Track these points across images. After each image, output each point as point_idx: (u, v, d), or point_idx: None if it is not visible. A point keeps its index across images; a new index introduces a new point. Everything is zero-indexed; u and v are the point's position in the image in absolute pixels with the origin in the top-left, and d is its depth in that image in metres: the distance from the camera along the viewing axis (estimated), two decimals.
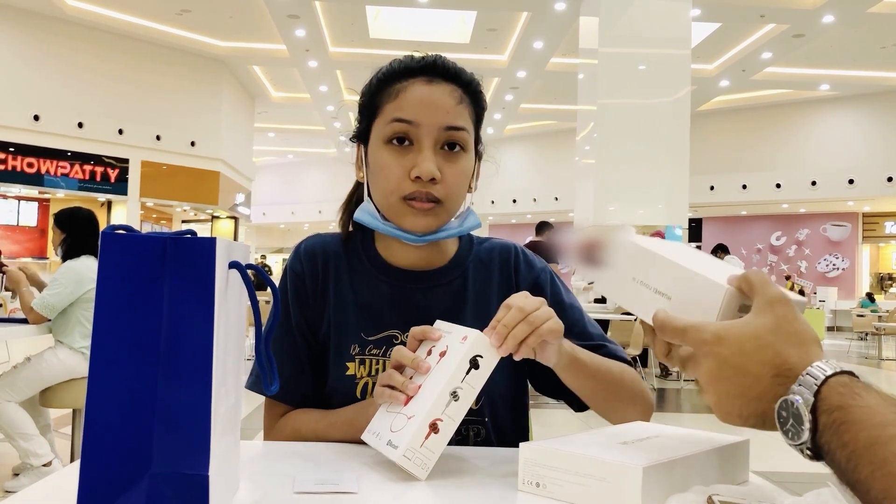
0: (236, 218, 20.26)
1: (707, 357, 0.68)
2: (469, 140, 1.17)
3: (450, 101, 1.14)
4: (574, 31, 12.47)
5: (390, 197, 1.14)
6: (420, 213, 1.13)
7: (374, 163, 1.18)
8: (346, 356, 1.19)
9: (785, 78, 16.94)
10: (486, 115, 1.26)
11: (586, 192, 10.68)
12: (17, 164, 14.26)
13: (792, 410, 0.62)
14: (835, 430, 0.59)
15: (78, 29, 14.54)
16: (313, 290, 1.24)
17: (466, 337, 0.94)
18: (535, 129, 22.47)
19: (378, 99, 1.18)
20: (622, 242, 0.89)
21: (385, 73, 1.18)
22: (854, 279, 20.91)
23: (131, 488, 0.63)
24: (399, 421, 0.93)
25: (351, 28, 14.53)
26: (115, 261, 0.65)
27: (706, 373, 0.69)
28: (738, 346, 0.67)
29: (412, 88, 1.14)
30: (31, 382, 3.71)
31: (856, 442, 0.57)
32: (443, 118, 1.13)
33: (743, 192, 19.65)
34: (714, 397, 0.68)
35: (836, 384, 0.61)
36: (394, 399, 0.96)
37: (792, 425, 0.62)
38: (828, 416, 0.60)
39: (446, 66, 1.17)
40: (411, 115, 1.12)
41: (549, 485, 0.83)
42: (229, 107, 17.56)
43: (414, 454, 0.89)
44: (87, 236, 3.89)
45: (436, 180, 1.12)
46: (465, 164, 1.16)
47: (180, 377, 0.64)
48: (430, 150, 1.12)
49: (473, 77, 1.21)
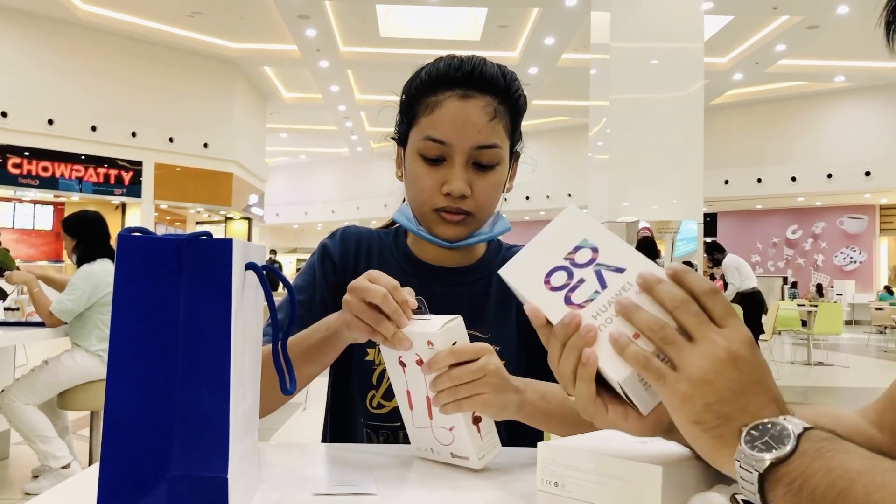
0: (250, 219, 20.36)
1: (747, 342, 0.65)
2: (501, 154, 1.17)
3: (483, 118, 1.14)
4: (586, 27, 12.42)
5: (423, 207, 1.19)
6: (451, 224, 1.18)
7: (409, 170, 1.20)
8: (367, 342, 1.20)
9: (799, 70, 16.83)
10: None
11: (600, 187, 10.65)
12: (32, 169, 14.39)
13: (774, 432, 0.59)
14: (822, 455, 0.56)
15: (90, 33, 14.65)
16: (342, 268, 1.27)
17: (431, 342, 0.91)
18: (548, 126, 22.44)
19: (416, 107, 1.19)
20: (572, 213, 0.78)
21: (423, 80, 1.19)
22: (872, 272, 20.74)
23: (150, 491, 0.63)
24: (442, 434, 0.94)
25: (361, 27, 14.56)
26: (131, 263, 0.65)
27: (735, 347, 0.64)
28: (759, 359, 0.65)
29: (447, 104, 1.14)
30: (48, 385, 3.74)
31: (847, 467, 0.55)
32: (475, 138, 1.14)
33: (758, 186, 19.53)
34: (713, 375, 0.63)
35: (816, 435, 0.59)
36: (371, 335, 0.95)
37: (765, 443, 0.59)
38: (814, 442, 0.58)
39: (483, 77, 1.16)
40: (444, 135, 1.14)
41: (568, 484, 0.82)
42: (241, 108, 17.64)
43: (483, 451, 0.93)
44: (98, 238, 3.91)
45: (466, 196, 1.15)
46: (496, 178, 1.18)
47: (198, 379, 0.64)
48: (461, 167, 1.15)
49: (512, 80, 1.20)
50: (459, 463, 0.93)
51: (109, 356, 0.63)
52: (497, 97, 1.16)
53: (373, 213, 25.42)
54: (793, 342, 13.85)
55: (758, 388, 0.63)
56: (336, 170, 28.25)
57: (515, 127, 1.22)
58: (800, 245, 21.52)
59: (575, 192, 20.69)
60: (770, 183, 19.38)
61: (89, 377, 3.78)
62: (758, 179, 19.47)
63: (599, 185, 10.70)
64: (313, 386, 1.29)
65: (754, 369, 0.64)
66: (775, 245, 21.81)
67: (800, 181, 19.03)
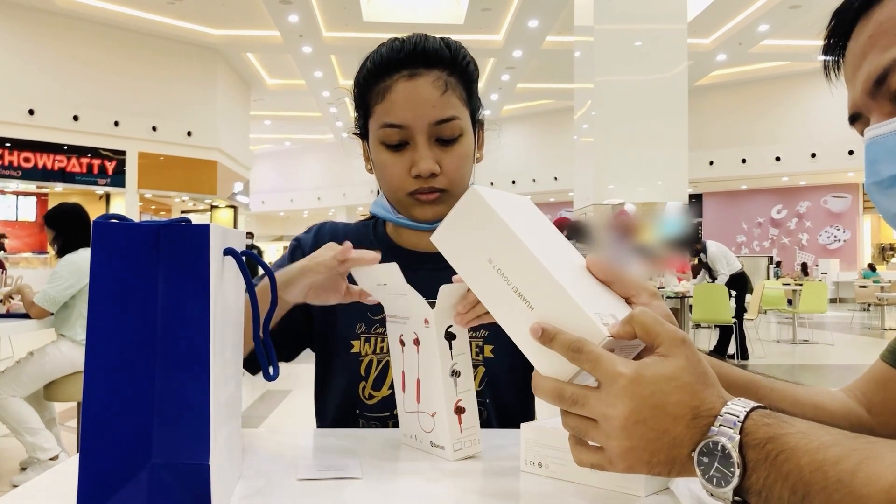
0: (235, 207, 20.27)
1: (624, 396, 0.61)
2: (461, 125, 1.16)
3: (435, 93, 1.13)
4: (569, 9, 12.40)
5: (396, 193, 1.19)
6: (427, 205, 1.18)
7: (376, 161, 1.20)
8: (352, 335, 1.21)
9: (782, 50, 16.86)
10: (482, 97, 1.25)
11: (585, 170, 10.67)
12: (13, 160, 14.25)
13: (716, 452, 0.58)
14: (771, 463, 0.56)
15: (70, 21, 14.48)
16: None
17: (428, 320, 0.92)
18: (533, 109, 22.39)
19: (368, 98, 1.19)
20: (474, 200, 0.74)
21: (370, 70, 1.18)
22: (856, 250, 20.90)
23: (132, 479, 0.63)
24: (425, 420, 0.94)
25: (344, 12, 14.44)
26: (107, 249, 0.64)
27: (624, 414, 0.61)
28: (657, 387, 0.61)
29: (396, 87, 1.13)
30: (34, 377, 3.72)
31: (799, 470, 0.55)
32: (431, 114, 1.13)
33: (742, 167, 19.62)
34: (628, 442, 0.61)
35: (760, 417, 0.59)
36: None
37: (717, 470, 0.58)
38: (758, 450, 0.57)
39: (427, 52, 1.15)
40: (399, 118, 1.13)
41: (552, 464, 0.83)
42: (224, 95, 17.51)
43: (461, 444, 0.92)
44: (79, 229, 3.89)
45: (436, 174, 1.14)
46: (462, 150, 1.17)
47: (178, 366, 0.64)
48: (424, 147, 1.14)
49: (458, 49, 1.19)
50: (437, 453, 0.93)
51: (87, 344, 0.63)
52: (445, 69, 1.15)
53: (359, 199, 25.36)
54: (778, 321, 13.97)
55: (675, 409, 0.61)
56: (321, 156, 28.11)
57: (471, 95, 1.21)
58: (784, 224, 21.64)
59: (561, 176, 20.70)
60: (754, 163, 19.46)
61: (75, 367, 3.77)
62: (742, 160, 19.55)
63: (584, 168, 10.72)
64: (301, 371, 1.28)
65: (657, 399, 0.61)
66: (760, 225, 21.93)
67: (784, 161, 19.13)
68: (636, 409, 0.61)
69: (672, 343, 0.63)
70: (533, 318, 0.68)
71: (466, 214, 0.74)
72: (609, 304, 0.71)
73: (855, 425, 0.89)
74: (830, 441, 0.55)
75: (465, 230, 0.74)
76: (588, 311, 0.66)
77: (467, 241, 0.74)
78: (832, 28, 0.78)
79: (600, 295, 0.72)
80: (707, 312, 8.18)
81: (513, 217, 0.72)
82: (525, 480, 0.84)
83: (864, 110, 0.75)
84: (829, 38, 0.79)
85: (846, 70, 0.78)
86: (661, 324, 0.64)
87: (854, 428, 0.88)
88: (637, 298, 0.75)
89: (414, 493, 0.80)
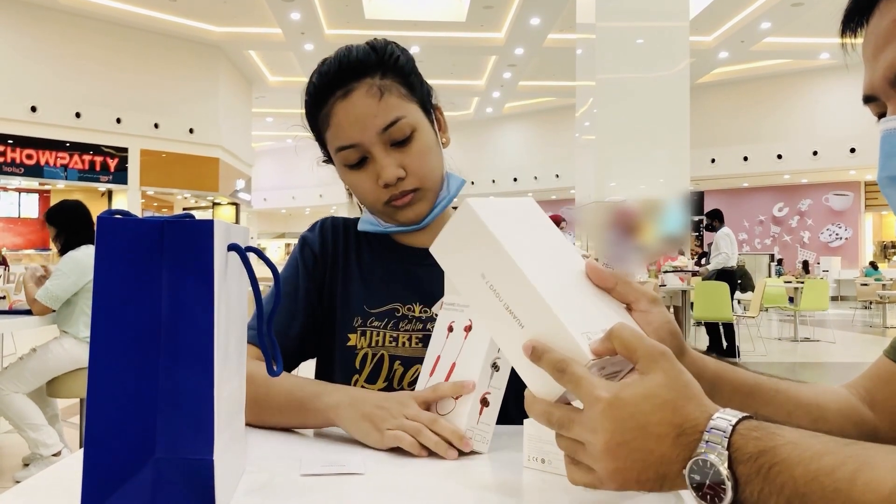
0: (237, 204, 20.25)
1: (604, 420, 0.60)
2: (411, 121, 1.16)
3: (372, 102, 1.13)
4: (571, 7, 12.37)
5: (375, 207, 1.21)
6: (407, 207, 1.18)
7: (347, 182, 1.23)
8: (349, 328, 1.22)
9: (784, 48, 16.83)
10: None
11: (587, 168, 10.66)
12: (16, 157, 14.25)
13: (707, 470, 0.57)
14: (764, 477, 0.55)
15: (72, 18, 14.48)
16: (322, 258, 1.28)
17: None
18: (535, 107, 22.35)
19: (318, 127, 1.22)
20: (467, 214, 0.72)
21: (308, 101, 1.21)
22: (857, 248, 20.87)
23: (136, 474, 0.63)
24: (447, 402, 0.94)
25: (346, 9, 14.44)
26: (112, 245, 0.64)
27: (605, 438, 0.60)
28: (636, 408, 0.60)
29: (335, 110, 1.15)
30: (37, 373, 3.72)
31: (794, 482, 0.54)
32: (375, 124, 1.13)
33: (744, 164, 19.58)
34: (614, 464, 0.61)
35: (747, 430, 0.57)
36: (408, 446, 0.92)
37: (710, 488, 0.57)
38: (749, 465, 0.56)
39: (352, 64, 1.15)
40: (349, 138, 1.15)
41: (555, 460, 0.83)
42: (226, 93, 17.51)
43: (474, 432, 0.92)
44: (80, 226, 3.89)
45: (402, 178, 1.15)
46: (420, 145, 1.17)
47: (182, 361, 0.64)
48: (383, 156, 1.15)
49: (383, 48, 1.18)
50: None
51: (91, 339, 0.63)
52: (377, 73, 1.15)
53: None
54: (780, 318, 13.95)
55: (657, 428, 0.60)
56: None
57: (413, 86, 1.20)
58: (786, 222, 21.62)
59: (563, 173, 20.68)
60: (756, 161, 19.43)
61: (78, 364, 3.77)
62: (744, 157, 19.51)
63: (586, 166, 10.71)
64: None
65: (638, 420, 0.60)
66: (762, 223, 21.91)
67: (786, 159, 19.09)
68: (617, 431, 0.60)
69: (649, 359, 0.62)
70: (524, 335, 0.67)
71: (460, 229, 0.73)
72: (603, 316, 0.69)
73: (857, 423, 0.89)
74: (823, 450, 0.55)
75: (459, 244, 0.73)
76: (573, 330, 0.65)
77: (461, 255, 0.73)
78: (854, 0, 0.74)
79: (596, 306, 0.71)
80: (708, 310, 8.17)
81: (506, 231, 0.71)
82: (528, 476, 0.84)
83: (881, 96, 0.72)
84: (850, 9, 0.75)
85: (865, 48, 0.74)
86: (639, 339, 0.63)
87: (857, 425, 0.88)
88: (637, 305, 0.74)
89: (417, 489, 0.80)
